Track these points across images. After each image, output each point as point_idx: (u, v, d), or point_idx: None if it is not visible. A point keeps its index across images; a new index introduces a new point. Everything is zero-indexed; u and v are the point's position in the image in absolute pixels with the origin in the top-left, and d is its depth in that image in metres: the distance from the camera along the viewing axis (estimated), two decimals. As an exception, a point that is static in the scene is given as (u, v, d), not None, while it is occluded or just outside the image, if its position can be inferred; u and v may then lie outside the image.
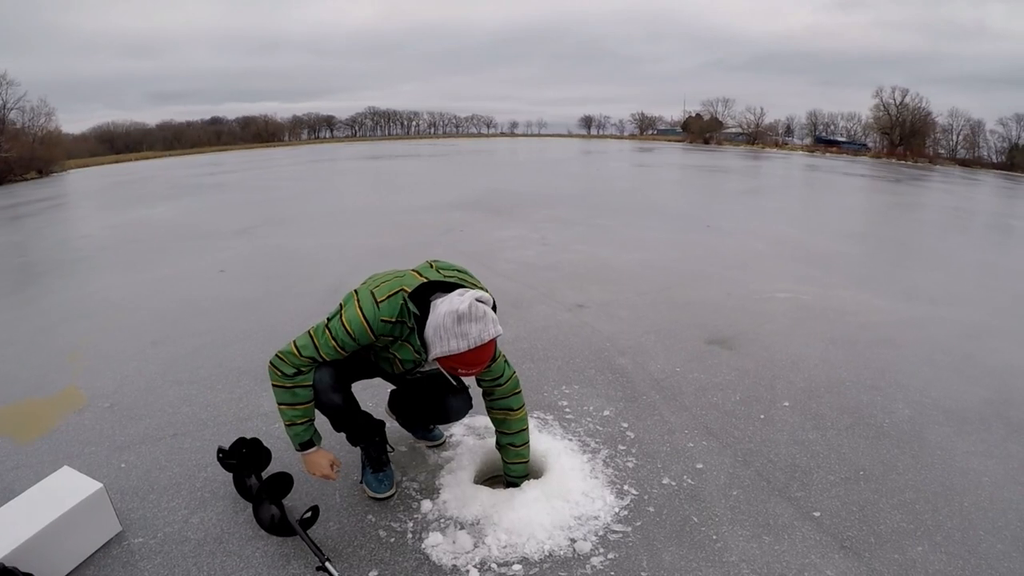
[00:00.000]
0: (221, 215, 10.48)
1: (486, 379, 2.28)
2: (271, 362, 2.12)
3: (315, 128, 77.54)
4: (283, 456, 2.65)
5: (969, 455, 2.91)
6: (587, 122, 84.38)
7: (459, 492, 2.38)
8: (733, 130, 63.53)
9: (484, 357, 1.92)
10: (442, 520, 2.29)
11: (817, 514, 2.41)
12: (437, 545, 2.16)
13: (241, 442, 2.45)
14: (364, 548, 2.17)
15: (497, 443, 2.45)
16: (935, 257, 8.01)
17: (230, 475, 2.51)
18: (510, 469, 2.45)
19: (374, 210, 10.58)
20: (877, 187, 20.02)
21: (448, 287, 2.03)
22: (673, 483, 2.56)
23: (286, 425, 2.18)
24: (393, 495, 2.44)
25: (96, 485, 2.17)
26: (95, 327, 4.57)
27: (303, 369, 2.09)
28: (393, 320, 2.01)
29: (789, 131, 65.28)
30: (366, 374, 2.39)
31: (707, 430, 3.02)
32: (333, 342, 2.04)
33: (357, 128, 79.70)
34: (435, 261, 2.17)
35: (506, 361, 2.32)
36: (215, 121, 69.89)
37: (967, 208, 15.53)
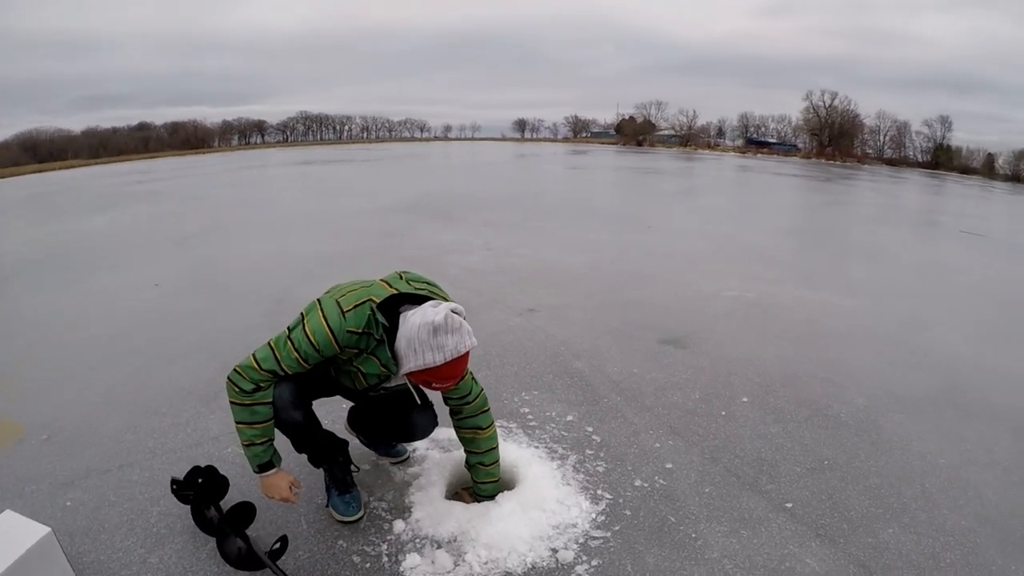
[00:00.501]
0: (154, 225, 10.05)
1: (454, 397, 2.24)
2: (229, 377, 2.01)
3: (246, 133, 75.77)
4: (240, 483, 2.53)
5: (925, 440, 3.06)
6: (521, 125, 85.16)
7: (432, 509, 2.33)
8: (666, 132, 65.41)
9: (459, 370, 1.90)
10: (417, 540, 2.23)
11: (789, 505, 2.48)
12: (416, 567, 2.10)
13: (196, 471, 2.33)
14: None
15: (466, 462, 2.40)
16: (871, 253, 8.42)
17: (187, 507, 2.38)
18: (481, 488, 2.41)
19: (311, 217, 10.37)
20: (809, 186, 20.94)
21: (417, 299, 1.98)
22: (646, 484, 2.58)
23: (244, 445, 2.08)
24: (362, 517, 2.37)
25: (43, 529, 2.00)
26: (26, 350, 4.29)
27: (262, 384, 1.99)
28: (360, 331, 1.94)
29: (721, 133, 67.73)
30: (326, 391, 2.30)
31: (671, 429, 3.07)
32: (295, 354, 1.95)
33: (289, 133, 78.35)
34: (405, 272, 2.11)
35: (474, 378, 2.28)
36: (143, 127, 67.13)
37: (897, 205, 16.45)
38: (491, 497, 2.41)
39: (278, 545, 2.06)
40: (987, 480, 2.75)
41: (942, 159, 55.29)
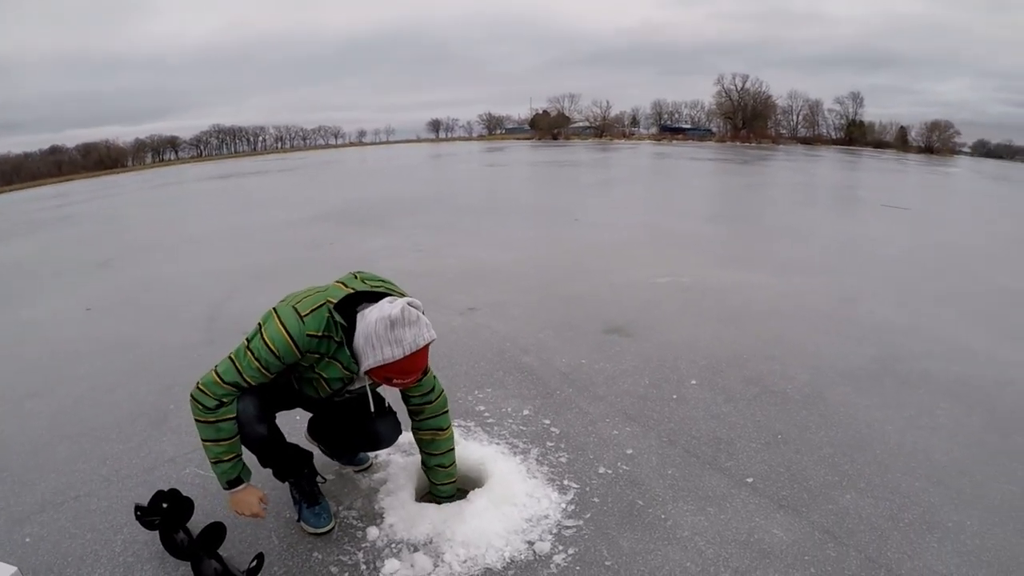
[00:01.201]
0: (76, 249, 9.80)
1: (416, 395, 2.27)
2: (192, 395, 2.01)
3: (159, 150, 74.70)
4: (204, 504, 2.51)
5: (870, 408, 3.28)
6: (435, 126, 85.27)
7: (404, 513, 2.36)
8: (581, 124, 66.54)
9: (420, 364, 1.93)
10: (393, 545, 2.27)
11: (750, 480, 2.62)
12: (395, 572, 2.14)
13: (160, 496, 2.30)
14: None
15: (424, 464, 2.44)
16: (795, 232, 8.87)
17: (152, 534, 2.37)
18: (440, 490, 2.46)
19: (237, 231, 10.24)
20: (727, 170, 21.76)
21: (374, 297, 2.00)
22: (609, 471, 2.68)
23: (212, 463, 2.08)
24: (334, 528, 2.38)
25: (9, 569, 1.94)
26: None
27: (225, 400, 1.99)
28: (319, 334, 1.95)
29: (635, 122, 69.35)
30: (288, 403, 2.30)
31: (627, 416, 3.19)
32: (256, 363, 1.96)
33: (203, 148, 77.27)
34: (359, 272, 2.13)
35: (435, 376, 2.32)
36: (55, 150, 65.84)
37: (816, 184, 17.30)
38: (450, 498, 2.46)
39: (255, 563, 2.07)
40: (934, 443, 2.97)
41: (856, 135, 58.44)
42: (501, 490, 2.46)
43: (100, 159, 63.25)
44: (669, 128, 65.48)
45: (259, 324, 2.00)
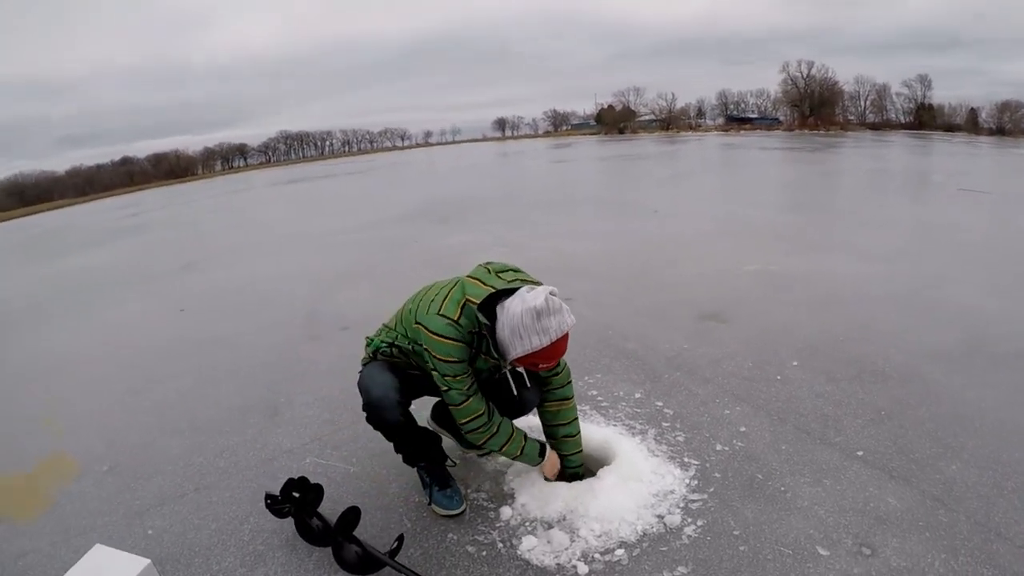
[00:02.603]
0: (159, 254, 10.18)
1: (549, 375, 2.44)
2: (467, 431, 2.27)
3: (228, 158, 75.54)
4: (329, 491, 2.57)
5: (965, 386, 3.35)
6: (501, 124, 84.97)
7: (535, 492, 2.50)
8: (647, 118, 65.64)
9: (563, 348, 2.09)
10: (527, 523, 2.40)
11: (860, 453, 2.74)
12: (533, 548, 2.25)
13: (291, 483, 2.40)
14: (459, 568, 2.22)
15: (551, 437, 2.56)
16: (873, 218, 8.75)
17: (280, 522, 2.47)
18: (569, 461, 2.57)
19: (317, 234, 10.50)
20: (798, 158, 21.32)
21: (511, 293, 2.14)
22: (726, 448, 2.82)
23: (518, 456, 2.37)
24: (465, 510, 2.50)
25: (143, 562, 2.02)
26: (61, 385, 4.38)
27: (482, 408, 2.23)
28: (475, 330, 2.14)
29: (701, 113, 67.95)
30: (420, 390, 2.45)
31: (735, 396, 3.32)
32: (454, 378, 2.16)
33: (271, 154, 78.03)
34: (490, 264, 2.28)
35: None
36: (126, 161, 67.19)
37: (888, 169, 16.87)
38: (579, 467, 2.59)
39: (396, 545, 2.18)
40: None
41: (925, 118, 55.79)
42: (627, 468, 2.60)
43: (170, 168, 64.56)
44: (736, 118, 63.89)
45: (424, 349, 2.17)
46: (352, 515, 2.20)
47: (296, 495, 2.39)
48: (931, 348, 3.86)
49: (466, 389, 2.19)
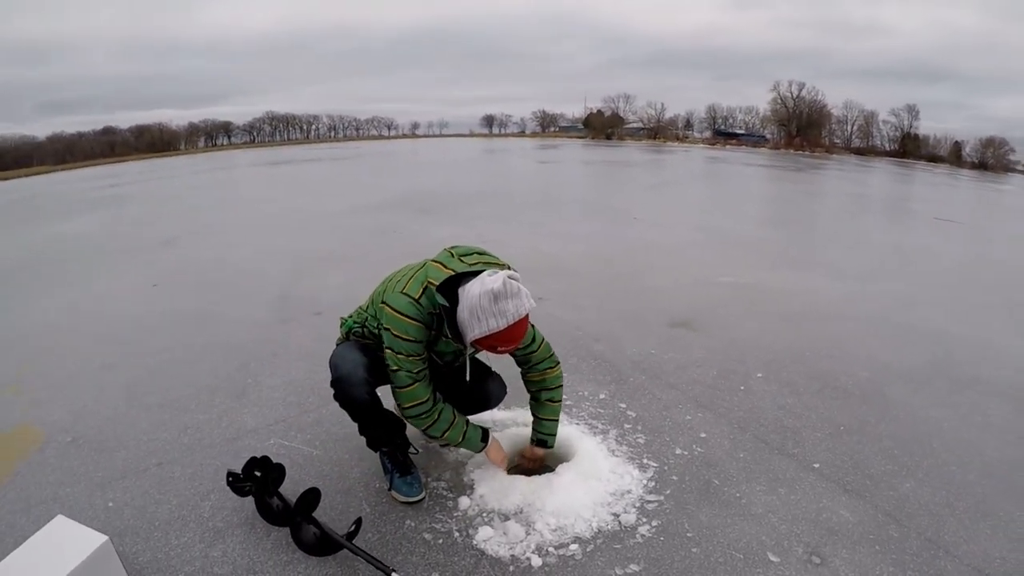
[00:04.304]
0: (139, 227, 10.00)
1: (518, 352, 2.44)
2: (408, 416, 2.28)
3: (212, 135, 75.33)
4: (291, 472, 2.61)
5: (925, 406, 3.46)
6: (489, 121, 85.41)
7: (496, 484, 2.53)
8: (634, 125, 66.16)
9: (521, 332, 2.10)
10: (485, 514, 2.43)
11: (817, 465, 2.81)
12: (489, 539, 2.29)
13: (253, 462, 2.40)
14: (415, 554, 2.23)
15: (534, 399, 2.58)
16: (851, 239, 8.96)
17: (241, 500, 2.47)
18: (544, 426, 2.59)
19: (297, 215, 10.51)
20: (782, 177, 21.66)
21: (474, 276, 2.15)
22: (685, 452, 2.88)
23: (460, 443, 2.38)
24: (424, 498, 2.52)
25: (100, 538, 1.96)
26: (32, 354, 4.29)
27: (428, 394, 2.24)
28: (436, 311, 2.16)
29: (689, 125, 68.71)
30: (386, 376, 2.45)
31: (698, 403, 3.37)
32: (407, 357, 2.17)
33: (255, 134, 77.88)
34: (455, 248, 2.30)
35: (534, 327, 2.45)
36: (108, 131, 66.36)
37: (870, 194, 17.27)
38: (553, 436, 2.60)
39: (353, 528, 2.18)
40: (986, 440, 3.15)
41: (909, 148, 57.01)
42: (587, 465, 2.65)
43: (152, 141, 64.29)
44: (723, 133, 64.71)
45: (382, 326, 2.20)
46: (312, 496, 2.21)
47: (258, 474, 2.38)
48: (896, 368, 3.96)
49: (416, 372, 2.20)
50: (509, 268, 2.21)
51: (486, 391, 2.60)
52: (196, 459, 2.84)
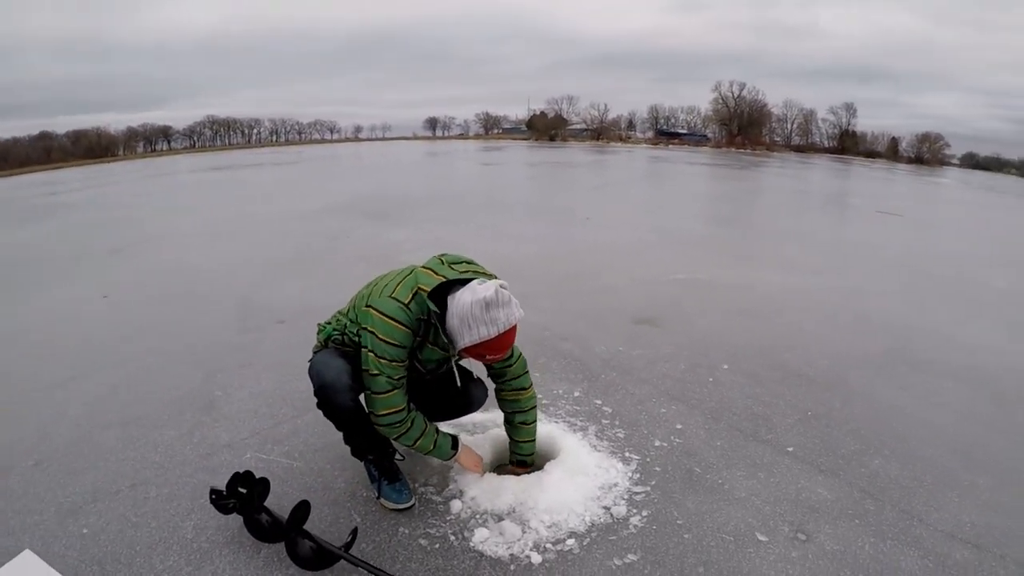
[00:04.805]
0: (85, 236, 9.63)
1: (498, 364, 2.47)
2: (381, 424, 2.25)
3: (152, 140, 73.19)
4: (274, 486, 2.49)
5: (887, 390, 3.69)
6: (432, 123, 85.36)
7: (485, 486, 2.55)
8: (578, 126, 66.89)
9: (510, 340, 2.15)
10: (478, 516, 2.44)
11: (791, 449, 2.95)
12: (486, 540, 2.31)
13: (237, 478, 2.34)
14: (412, 561, 2.23)
15: (508, 422, 2.61)
16: (798, 234, 9.38)
17: (225, 518, 2.40)
18: (522, 448, 2.63)
19: (246, 221, 10.34)
20: (726, 175, 22.39)
21: (462, 282, 2.19)
22: (665, 444, 2.97)
23: (431, 451, 2.37)
24: (414, 504, 2.52)
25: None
26: None
27: (402, 403, 2.23)
28: (425, 317, 2.18)
29: (632, 125, 69.88)
30: None
31: (670, 396, 3.48)
32: (389, 363, 2.16)
33: (196, 138, 75.91)
34: (444, 255, 2.33)
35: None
36: (44, 136, 63.58)
37: (811, 190, 17.94)
38: (531, 456, 2.66)
39: (350, 538, 2.18)
40: (945, 418, 3.39)
41: (848, 144, 59.42)
42: (573, 461, 2.70)
43: (91, 146, 62.19)
44: (665, 132, 66.10)
45: (366, 329, 2.19)
46: (303, 509, 2.19)
47: (243, 491, 2.32)
48: (854, 355, 4.18)
49: (396, 379, 2.20)
50: (497, 278, 2.23)
51: (469, 395, 2.62)
52: (171, 478, 2.76)
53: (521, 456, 2.66)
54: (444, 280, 2.17)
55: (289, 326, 4.61)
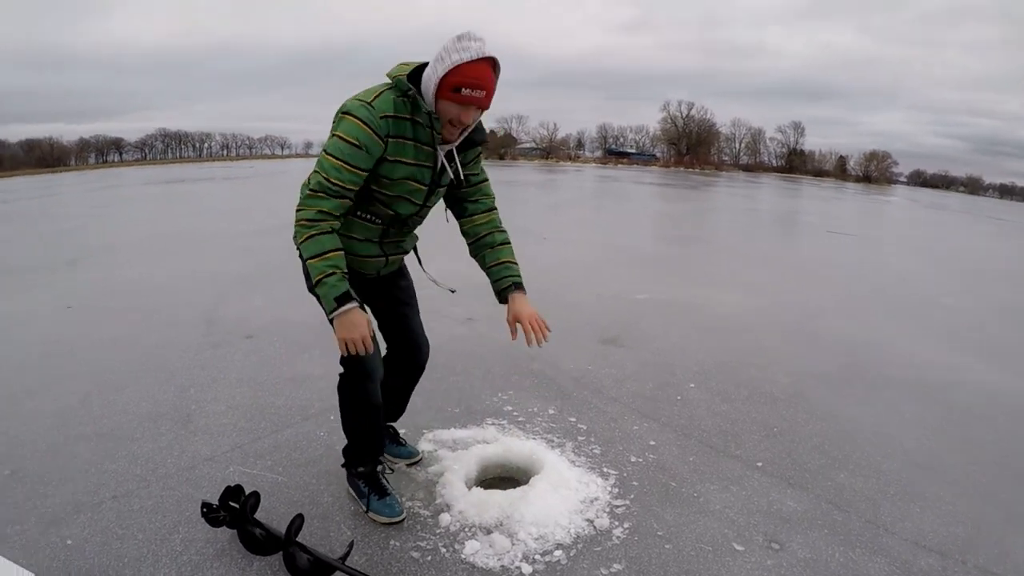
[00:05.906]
0: (39, 247, 9.44)
1: (474, 173, 2.59)
2: (296, 219, 2.11)
3: (103, 151, 72.84)
4: (262, 500, 2.54)
5: (848, 406, 3.94)
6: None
7: (472, 499, 2.65)
8: (527, 145, 67.43)
9: (486, 74, 2.03)
10: (467, 529, 2.54)
11: (760, 464, 3.15)
12: (476, 552, 2.40)
13: (229, 491, 2.39)
14: (406, 573, 2.30)
15: (488, 246, 2.71)
16: (752, 254, 9.83)
17: (214, 531, 2.42)
18: (512, 268, 2.71)
19: (204, 236, 10.24)
20: (677, 195, 23.00)
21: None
22: (640, 459, 3.13)
23: (315, 285, 2.10)
24: (404, 518, 2.59)
25: None
26: None
27: (324, 209, 2.07)
28: (392, 115, 2.09)
29: (581, 144, 70.85)
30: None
31: (641, 414, 3.66)
32: (339, 161, 2.05)
33: (147, 151, 75.72)
34: (404, 62, 2.23)
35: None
36: None
37: (761, 209, 18.51)
38: (520, 278, 2.75)
39: (348, 550, 2.24)
40: (904, 433, 3.66)
41: (796, 163, 61.39)
42: (555, 476, 2.82)
43: (42, 156, 61.79)
44: (614, 152, 67.36)
45: (331, 134, 2.11)
46: (298, 523, 2.23)
47: (234, 505, 2.36)
48: (814, 372, 4.45)
49: (336, 184, 2.06)
50: None
51: (417, 338, 2.91)
52: (154, 491, 2.76)
53: (514, 278, 2.66)
54: (419, 64, 2.15)
55: (256, 342, 4.66)
